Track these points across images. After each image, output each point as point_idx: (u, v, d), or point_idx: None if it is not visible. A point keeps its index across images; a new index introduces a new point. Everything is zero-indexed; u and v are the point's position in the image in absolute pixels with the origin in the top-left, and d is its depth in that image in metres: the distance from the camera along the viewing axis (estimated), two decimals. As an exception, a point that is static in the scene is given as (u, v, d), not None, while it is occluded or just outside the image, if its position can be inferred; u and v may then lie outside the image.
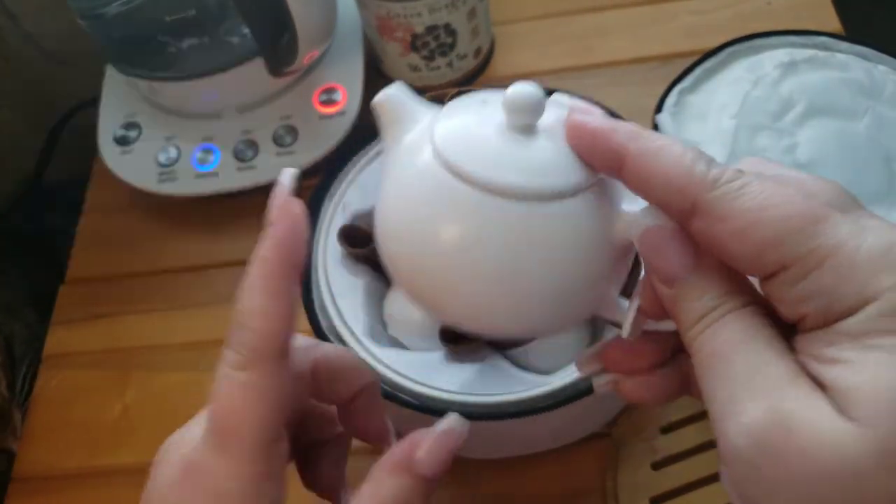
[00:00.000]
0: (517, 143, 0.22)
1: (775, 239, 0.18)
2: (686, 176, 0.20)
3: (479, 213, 0.21)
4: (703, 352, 0.19)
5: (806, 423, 0.17)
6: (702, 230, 0.20)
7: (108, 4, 0.51)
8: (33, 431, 0.48)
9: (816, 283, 0.18)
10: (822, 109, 0.43)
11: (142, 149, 0.54)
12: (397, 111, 0.25)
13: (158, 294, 0.52)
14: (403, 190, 0.23)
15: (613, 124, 0.21)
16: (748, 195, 0.19)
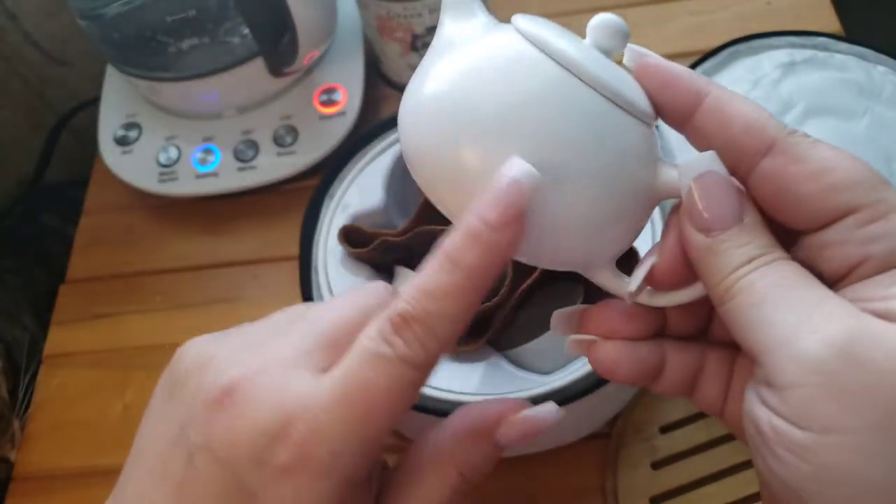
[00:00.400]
0: (602, 56, 0.22)
1: (850, 183, 0.19)
2: (767, 119, 0.21)
3: (563, 92, 0.20)
4: (749, 291, 0.20)
5: (893, 338, 0.17)
6: (776, 169, 0.20)
7: (109, 5, 0.51)
8: (34, 431, 0.48)
9: (886, 226, 0.19)
10: (822, 110, 0.43)
11: (142, 149, 0.54)
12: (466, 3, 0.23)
13: (158, 294, 0.52)
14: (473, 65, 0.21)
15: (690, 70, 0.22)
16: (823, 147, 0.20)
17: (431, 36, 0.51)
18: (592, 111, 0.21)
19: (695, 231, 0.21)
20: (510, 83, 0.20)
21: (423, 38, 0.51)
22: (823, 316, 0.18)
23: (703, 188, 0.21)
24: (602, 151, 0.21)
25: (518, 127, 0.20)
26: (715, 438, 0.41)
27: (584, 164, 0.20)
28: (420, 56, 0.53)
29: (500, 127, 0.20)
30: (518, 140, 0.20)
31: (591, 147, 0.20)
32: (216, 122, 0.54)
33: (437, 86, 0.21)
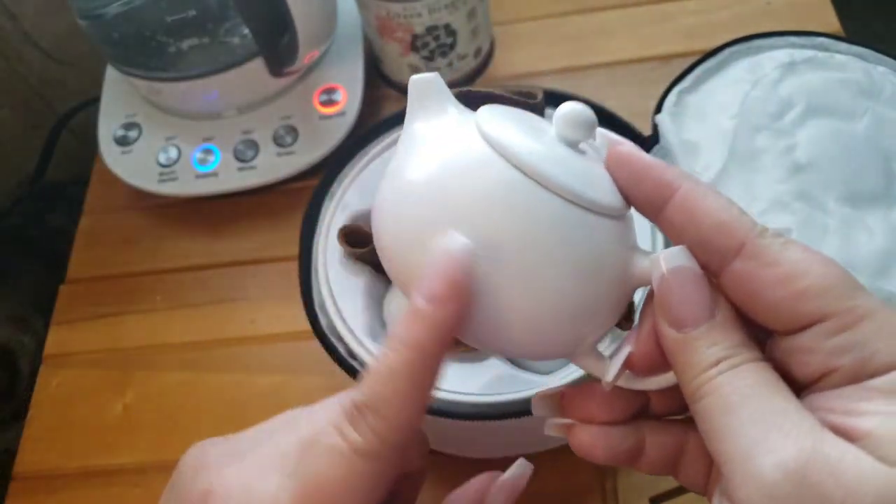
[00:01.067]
0: (566, 150, 0.22)
1: (820, 290, 0.19)
2: (737, 219, 0.20)
3: (523, 199, 0.20)
4: (717, 395, 0.19)
5: (846, 464, 0.17)
6: (744, 272, 0.20)
7: (109, 5, 0.51)
8: (34, 431, 0.48)
9: (854, 338, 0.19)
10: (822, 110, 0.43)
11: (142, 149, 0.54)
12: (434, 95, 0.24)
13: (158, 294, 0.52)
14: (428, 164, 0.22)
15: (663, 162, 0.22)
16: (795, 248, 0.20)
17: (431, 36, 0.51)
18: (549, 213, 0.21)
19: (667, 325, 0.21)
20: (468, 188, 0.21)
21: (423, 37, 0.51)
22: (782, 434, 0.18)
23: (673, 283, 0.21)
24: (560, 251, 0.21)
25: (475, 231, 0.20)
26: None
27: (544, 264, 0.21)
28: (420, 56, 0.53)
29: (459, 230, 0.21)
30: (475, 241, 0.20)
31: (549, 247, 0.21)
32: (216, 122, 0.54)
33: (402, 185, 0.22)
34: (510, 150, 0.21)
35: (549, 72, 0.57)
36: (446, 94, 0.24)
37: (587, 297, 0.21)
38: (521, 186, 0.21)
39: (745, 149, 0.41)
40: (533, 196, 0.20)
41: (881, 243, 0.39)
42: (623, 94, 0.53)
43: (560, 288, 0.21)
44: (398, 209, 0.22)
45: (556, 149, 0.22)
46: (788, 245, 0.20)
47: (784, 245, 0.20)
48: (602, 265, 0.21)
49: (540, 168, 0.20)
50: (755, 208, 0.39)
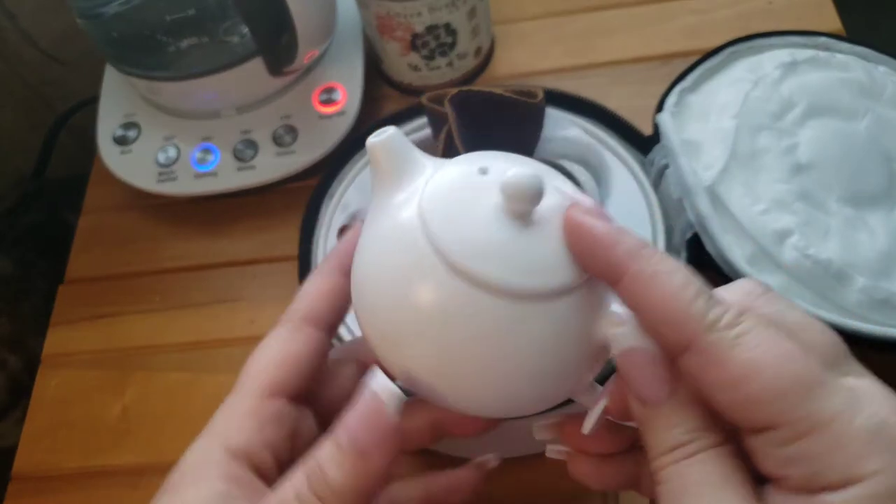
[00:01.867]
0: (512, 231, 0.21)
1: (769, 397, 0.18)
2: (684, 312, 0.19)
3: (465, 305, 0.20)
4: (671, 485, 0.19)
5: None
6: (692, 370, 0.19)
7: (107, 4, 0.51)
8: (33, 431, 0.48)
9: (805, 450, 0.18)
10: (823, 110, 0.42)
11: (141, 149, 0.54)
12: (394, 159, 0.23)
13: (158, 294, 0.52)
14: (383, 258, 0.22)
15: (616, 234, 0.20)
16: (745, 345, 0.18)
17: (431, 35, 0.51)
18: (492, 315, 0.20)
19: (633, 397, 0.21)
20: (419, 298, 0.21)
21: (423, 37, 0.51)
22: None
23: (629, 364, 0.20)
24: (512, 347, 0.20)
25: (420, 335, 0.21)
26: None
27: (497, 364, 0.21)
28: (420, 55, 0.53)
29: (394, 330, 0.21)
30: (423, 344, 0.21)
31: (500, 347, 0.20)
32: (215, 122, 0.53)
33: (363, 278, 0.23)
34: (447, 252, 0.20)
35: (550, 71, 0.56)
36: (401, 157, 0.23)
37: (555, 375, 0.21)
38: (460, 293, 0.20)
39: (747, 148, 0.41)
40: (473, 302, 0.20)
41: (883, 244, 0.39)
42: (624, 93, 0.53)
43: (520, 377, 0.21)
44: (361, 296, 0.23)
45: (497, 234, 0.21)
46: (741, 342, 0.18)
47: (735, 341, 0.18)
48: (559, 346, 0.21)
49: (477, 271, 0.20)
50: (756, 208, 0.39)
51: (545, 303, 0.20)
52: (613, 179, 0.43)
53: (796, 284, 0.37)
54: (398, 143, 0.23)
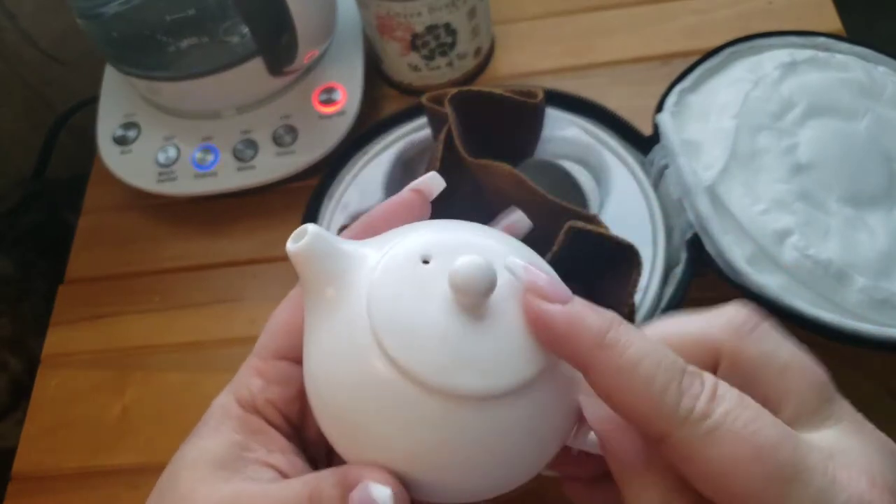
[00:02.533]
0: (465, 327, 0.19)
1: (745, 495, 0.17)
2: (654, 408, 0.18)
3: (428, 415, 0.19)
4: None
5: None
6: (670, 459, 0.19)
7: (107, 4, 0.51)
8: (32, 431, 0.48)
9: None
10: (823, 110, 0.42)
11: (141, 149, 0.54)
12: (320, 264, 0.21)
13: (158, 294, 0.52)
14: (335, 370, 0.20)
15: (575, 321, 0.19)
16: (720, 441, 0.18)
17: (431, 35, 0.51)
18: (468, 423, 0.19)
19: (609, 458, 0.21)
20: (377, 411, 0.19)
21: (423, 37, 0.51)
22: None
23: (604, 434, 0.20)
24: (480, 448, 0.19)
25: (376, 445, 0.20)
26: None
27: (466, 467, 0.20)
28: (420, 55, 0.53)
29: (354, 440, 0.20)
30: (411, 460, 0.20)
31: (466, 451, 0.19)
32: (215, 122, 0.53)
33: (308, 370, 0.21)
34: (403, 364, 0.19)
35: (549, 71, 0.56)
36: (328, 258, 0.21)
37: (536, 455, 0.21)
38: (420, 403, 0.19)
39: (747, 148, 0.41)
40: (435, 410, 0.19)
41: (883, 244, 0.39)
42: (624, 93, 0.52)
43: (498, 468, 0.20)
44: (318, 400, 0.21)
45: (452, 335, 0.19)
46: (715, 436, 0.18)
47: (708, 438, 0.18)
48: (536, 431, 0.20)
49: (436, 383, 0.19)
50: (756, 208, 0.39)
51: (515, 397, 0.20)
52: (613, 179, 0.43)
53: (796, 284, 0.37)
54: (321, 244, 0.20)
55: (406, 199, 0.24)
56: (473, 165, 0.38)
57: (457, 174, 0.39)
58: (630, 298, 0.35)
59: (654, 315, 0.38)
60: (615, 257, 0.35)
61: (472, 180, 0.40)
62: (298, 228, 0.21)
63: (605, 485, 0.23)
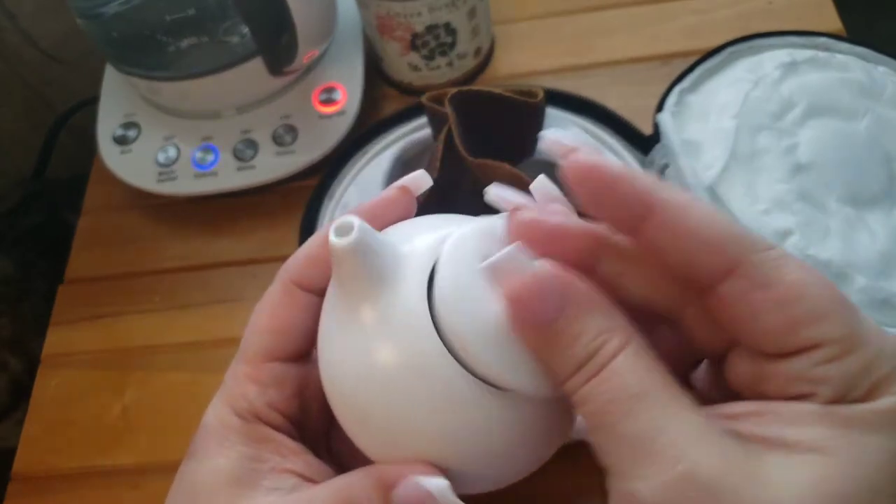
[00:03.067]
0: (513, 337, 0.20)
1: (816, 315, 0.17)
2: (728, 234, 0.18)
3: (480, 409, 0.20)
4: (589, 407, 0.18)
5: (718, 487, 0.16)
6: (735, 294, 0.18)
7: (107, 4, 0.51)
8: (32, 432, 0.48)
9: (839, 368, 0.17)
10: (823, 110, 0.42)
11: (141, 148, 0.54)
12: (368, 259, 0.20)
13: (158, 294, 0.52)
14: (384, 364, 0.20)
15: (631, 171, 0.19)
16: (790, 266, 0.18)
17: (431, 35, 0.51)
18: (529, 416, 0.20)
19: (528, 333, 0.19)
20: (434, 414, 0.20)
21: (423, 36, 0.51)
22: (658, 453, 0.17)
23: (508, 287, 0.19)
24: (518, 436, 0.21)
25: (422, 433, 0.20)
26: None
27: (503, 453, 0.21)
28: (419, 55, 0.53)
29: (399, 438, 0.20)
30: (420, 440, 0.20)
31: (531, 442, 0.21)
32: (215, 122, 0.53)
33: (335, 373, 0.21)
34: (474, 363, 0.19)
35: (550, 71, 0.56)
36: (378, 258, 0.20)
37: (548, 451, 0.23)
38: (470, 395, 0.19)
39: (747, 148, 0.41)
40: (487, 404, 0.20)
41: (883, 244, 0.39)
42: (624, 93, 0.52)
43: (527, 462, 0.22)
44: (350, 407, 0.21)
45: (506, 333, 0.19)
46: (784, 263, 0.18)
47: (779, 263, 0.18)
48: (551, 433, 0.22)
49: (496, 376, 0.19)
50: (756, 208, 0.39)
51: (551, 404, 0.21)
52: (613, 179, 0.43)
53: (796, 284, 0.37)
54: (369, 239, 0.20)
55: (393, 197, 0.23)
56: (474, 165, 0.38)
57: (457, 174, 0.39)
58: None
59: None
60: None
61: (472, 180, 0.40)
62: (340, 221, 0.20)
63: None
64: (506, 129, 0.42)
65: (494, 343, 0.19)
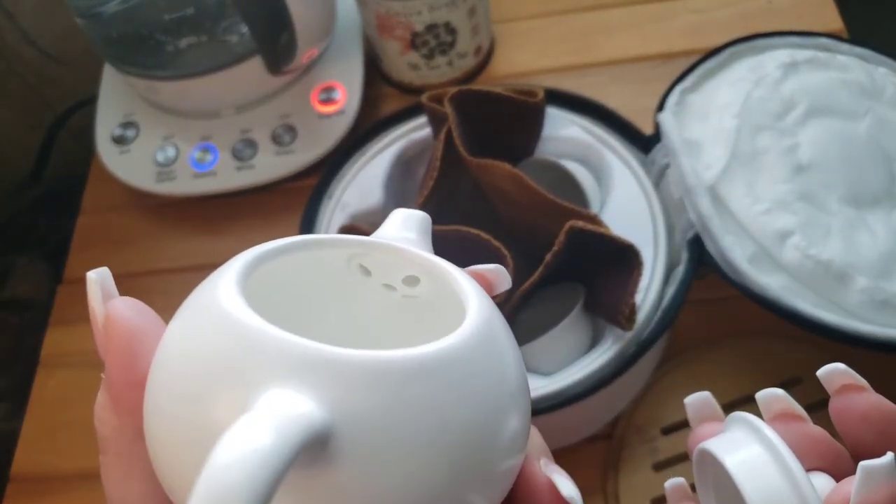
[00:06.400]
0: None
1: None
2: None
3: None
4: None
5: None
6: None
7: (106, 3, 0.51)
8: (31, 432, 0.48)
9: None
10: (823, 110, 0.42)
11: (140, 148, 0.53)
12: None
13: (157, 294, 0.52)
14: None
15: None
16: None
17: (431, 34, 0.51)
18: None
19: None
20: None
21: (423, 35, 0.51)
22: None
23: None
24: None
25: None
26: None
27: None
28: (419, 54, 0.52)
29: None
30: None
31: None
32: (214, 122, 0.53)
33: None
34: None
35: (550, 70, 0.56)
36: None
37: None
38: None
39: (748, 148, 0.40)
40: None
41: (883, 244, 0.39)
42: (625, 92, 0.52)
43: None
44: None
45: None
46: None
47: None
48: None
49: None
50: (757, 208, 0.38)
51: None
52: (614, 179, 0.43)
53: (797, 285, 0.37)
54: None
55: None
56: (473, 165, 0.38)
57: (457, 174, 0.39)
58: (631, 298, 0.35)
59: (655, 315, 0.38)
60: (616, 257, 0.35)
61: (472, 180, 0.40)
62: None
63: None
64: (506, 129, 0.42)
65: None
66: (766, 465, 0.18)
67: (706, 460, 0.20)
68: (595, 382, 0.36)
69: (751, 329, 0.44)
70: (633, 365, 0.36)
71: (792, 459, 0.17)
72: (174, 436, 0.14)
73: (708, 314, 0.45)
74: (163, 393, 0.15)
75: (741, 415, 0.19)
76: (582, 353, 0.37)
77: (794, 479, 0.17)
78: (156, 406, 0.15)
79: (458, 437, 0.14)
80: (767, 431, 0.18)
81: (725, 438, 0.19)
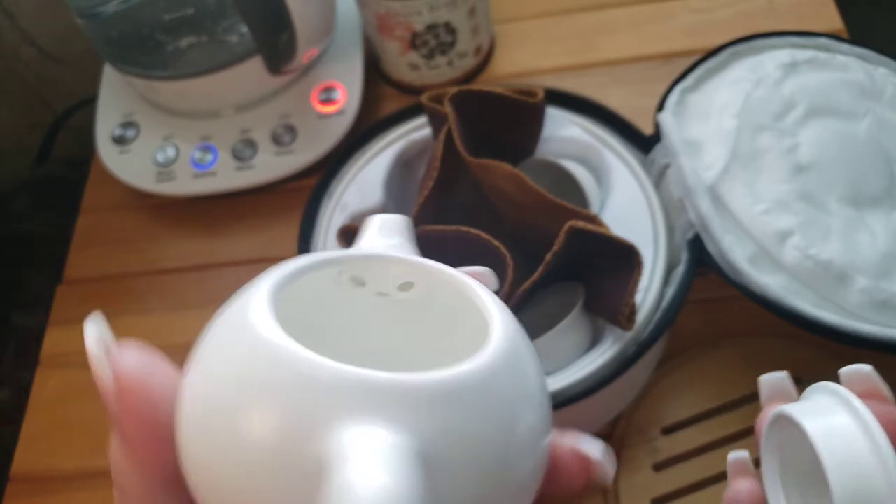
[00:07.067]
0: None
1: None
2: None
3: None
4: None
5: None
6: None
7: (106, 3, 0.51)
8: (31, 432, 0.48)
9: None
10: (824, 110, 0.42)
11: (140, 148, 0.53)
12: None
13: (156, 294, 0.52)
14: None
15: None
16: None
17: (431, 34, 0.51)
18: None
19: None
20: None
21: (423, 35, 0.51)
22: None
23: None
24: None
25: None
26: (717, 440, 0.41)
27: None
28: (419, 54, 0.52)
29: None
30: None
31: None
32: (214, 121, 0.53)
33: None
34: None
35: (550, 70, 0.56)
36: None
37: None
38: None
39: (748, 148, 0.40)
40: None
41: (883, 244, 0.39)
42: (624, 92, 0.52)
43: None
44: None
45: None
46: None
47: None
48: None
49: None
50: (757, 208, 0.38)
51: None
52: (614, 179, 0.43)
53: (797, 285, 0.37)
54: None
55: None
56: (473, 165, 0.38)
57: (457, 174, 0.39)
58: (631, 298, 0.35)
59: (655, 315, 0.38)
60: (616, 257, 0.35)
61: (472, 180, 0.40)
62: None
63: None
64: (506, 129, 0.42)
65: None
66: (853, 435, 0.17)
67: (780, 427, 0.20)
68: (595, 382, 0.36)
69: (751, 329, 0.44)
70: (633, 365, 0.36)
71: (881, 435, 0.17)
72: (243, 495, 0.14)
73: (708, 314, 0.45)
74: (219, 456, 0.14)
75: (828, 384, 0.18)
76: (582, 353, 0.37)
77: (881, 454, 0.17)
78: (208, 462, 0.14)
79: (517, 436, 0.14)
80: (857, 403, 0.17)
81: (807, 405, 0.18)
